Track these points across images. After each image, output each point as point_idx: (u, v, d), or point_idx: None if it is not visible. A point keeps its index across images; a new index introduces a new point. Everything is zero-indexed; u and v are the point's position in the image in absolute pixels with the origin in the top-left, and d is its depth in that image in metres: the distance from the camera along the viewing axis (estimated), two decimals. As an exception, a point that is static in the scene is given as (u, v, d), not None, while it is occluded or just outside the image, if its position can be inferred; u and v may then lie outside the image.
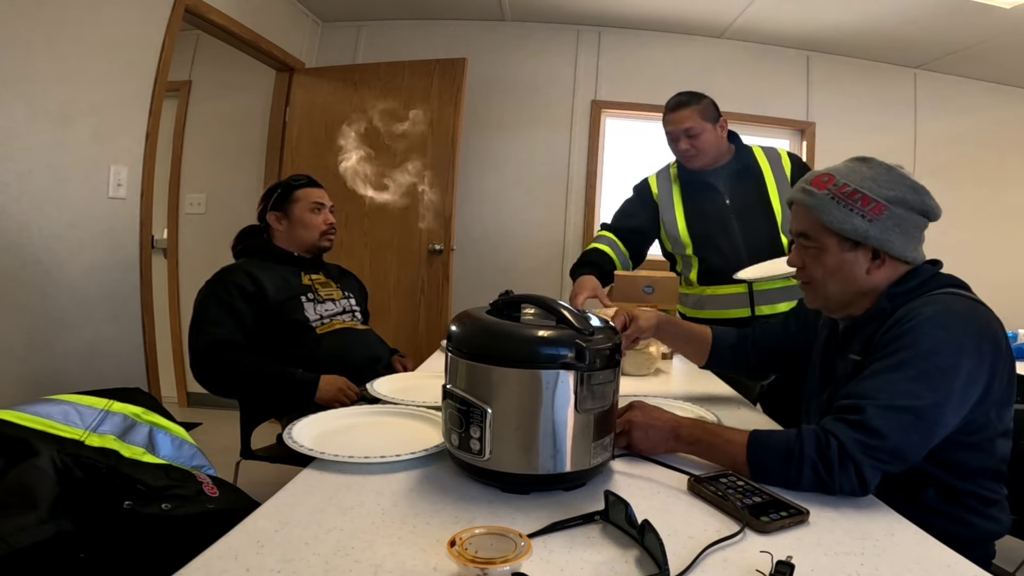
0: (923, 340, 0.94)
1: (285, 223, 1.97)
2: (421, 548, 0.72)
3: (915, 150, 3.76)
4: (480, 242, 3.66)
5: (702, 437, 1.00)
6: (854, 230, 1.05)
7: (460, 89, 3.26)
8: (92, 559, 0.94)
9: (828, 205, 1.06)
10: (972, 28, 3.11)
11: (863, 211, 1.04)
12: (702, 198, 2.07)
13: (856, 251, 1.07)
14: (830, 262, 1.09)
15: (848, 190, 1.06)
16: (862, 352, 1.07)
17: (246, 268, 1.85)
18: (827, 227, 1.07)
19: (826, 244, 1.09)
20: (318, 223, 1.97)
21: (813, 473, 0.89)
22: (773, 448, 0.92)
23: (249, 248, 1.99)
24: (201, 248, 3.73)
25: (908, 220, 1.05)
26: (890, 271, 1.08)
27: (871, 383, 0.94)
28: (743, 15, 3.33)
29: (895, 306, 1.04)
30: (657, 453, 1.02)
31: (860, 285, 1.09)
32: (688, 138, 2.03)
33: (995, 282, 3.88)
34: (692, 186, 2.10)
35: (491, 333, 0.89)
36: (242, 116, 3.68)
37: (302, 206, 1.96)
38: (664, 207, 2.15)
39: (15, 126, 1.89)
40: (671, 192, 2.15)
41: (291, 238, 1.97)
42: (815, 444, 0.89)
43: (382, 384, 1.43)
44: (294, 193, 1.97)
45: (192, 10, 2.54)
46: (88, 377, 2.11)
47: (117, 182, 2.28)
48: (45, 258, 2.02)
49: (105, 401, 1.21)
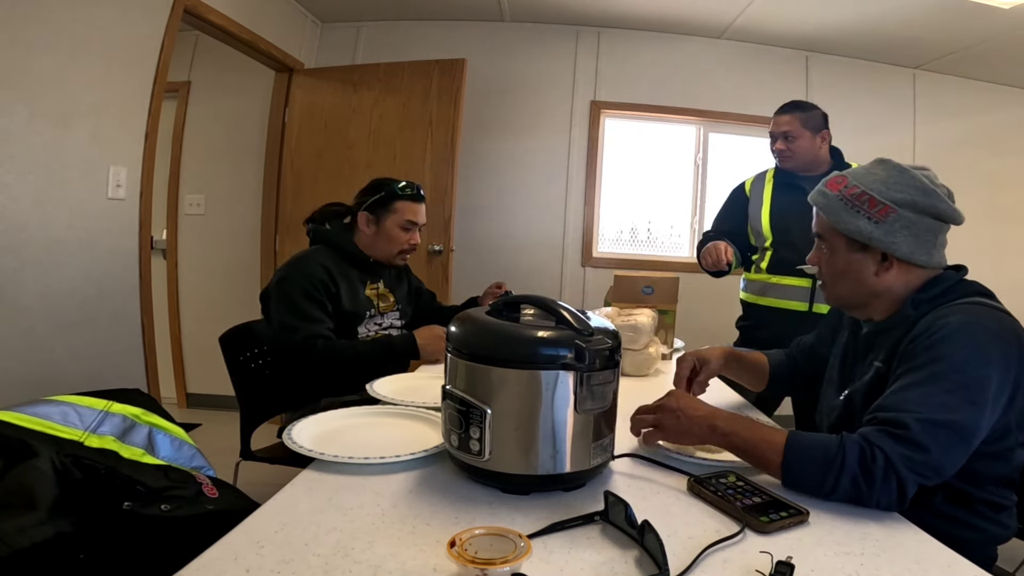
0: (954, 352, 0.92)
1: (372, 228, 1.89)
2: (421, 549, 0.72)
3: (914, 150, 3.76)
4: (480, 243, 3.66)
5: (739, 431, 0.96)
6: (859, 232, 1.05)
7: (460, 90, 3.25)
8: (92, 560, 0.94)
9: (837, 207, 1.08)
10: (971, 28, 3.12)
11: (869, 213, 1.04)
12: (790, 197, 2.19)
13: (864, 253, 1.07)
14: (839, 263, 1.10)
15: (857, 192, 1.06)
16: (886, 360, 1.05)
17: (325, 264, 1.80)
18: (836, 228, 1.09)
19: (836, 245, 1.10)
20: (402, 241, 1.91)
21: (851, 485, 0.86)
22: (811, 453, 0.89)
23: (327, 237, 1.91)
24: (200, 249, 3.73)
25: (918, 223, 1.04)
26: (903, 274, 1.07)
27: (907, 396, 0.91)
28: (742, 15, 3.33)
29: (919, 314, 1.03)
30: (684, 441, 1.00)
31: (870, 287, 1.08)
32: (784, 140, 2.19)
33: (995, 282, 3.88)
34: (784, 187, 2.24)
35: (491, 334, 0.89)
36: (241, 117, 3.68)
37: (395, 220, 1.88)
38: (753, 202, 2.31)
39: (15, 127, 1.89)
40: (763, 190, 2.30)
41: (372, 244, 1.91)
42: (858, 455, 0.86)
43: (382, 385, 1.43)
44: (395, 203, 1.89)
45: (191, 11, 2.53)
46: (87, 378, 2.11)
47: (116, 183, 2.28)
48: (44, 259, 2.01)
49: (104, 402, 1.21)
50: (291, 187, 3.51)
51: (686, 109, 3.70)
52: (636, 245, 3.87)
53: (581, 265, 3.71)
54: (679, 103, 3.70)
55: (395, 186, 1.90)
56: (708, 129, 3.80)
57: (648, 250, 3.87)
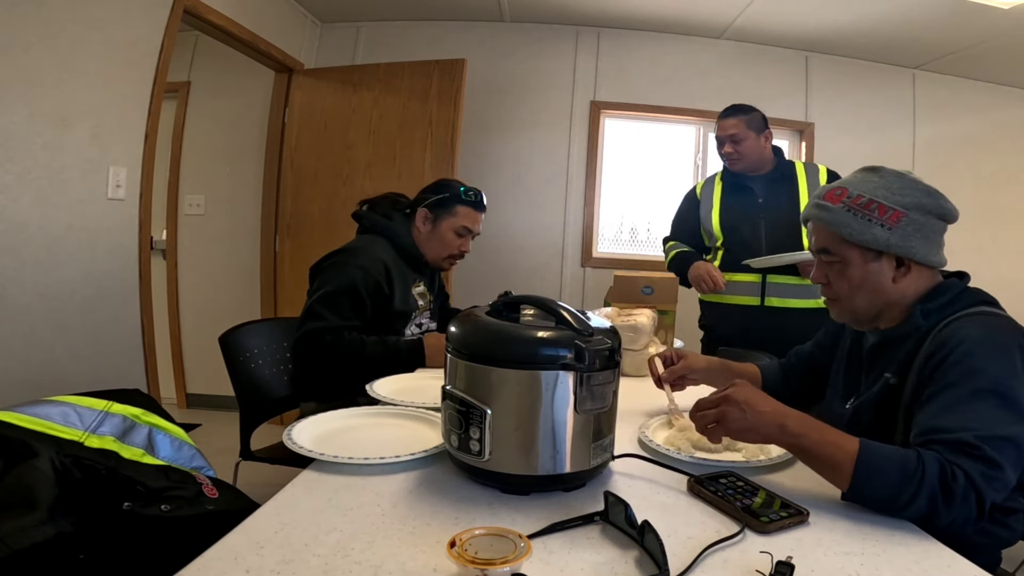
0: (988, 366, 0.91)
1: (428, 227, 1.89)
2: (421, 549, 0.72)
3: (914, 151, 3.77)
4: (480, 243, 3.64)
5: (809, 433, 0.90)
6: (875, 240, 1.04)
7: (459, 90, 3.25)
8: (92, 560, 0.94)
9: (845, 218, 1.06)
10: (971, 29, 3.12)
11: (881, 220, 1.04)
12: (738, 197, 2.32)
13: (880, 261, 1.06)
14: (855, 275, 1.08)
15: (863, 201, 1.05)
16: (898, 373, 1.04)
17: (386, 262, 1.78)
18: (848, 240, 1.06)
19: (849, 257, 1.08)
20: (454, 247, 1.91)
21: (928, 503, 0.82)
22: (888, 467, 0.84)
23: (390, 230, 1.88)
24: (200, 249, 3.73)
25: (928, 225, 1.05)
26: (916, 279, 1.07)
27: (960, 414, 0.88)
28: (742, 16, 3.33)
29: (930, 324, 1.03)
30: (747, 438, 0.94)
31: (888, 295, 1.07)
32: (732, 143, 2.28)
33: (995, 282, 3.88)
34: (733, 188, 2.36)
35: (491, 334, 0.89)
36: (241, 117, 3.68)
37: (452, 224, 1.88)
38: (704, 203, 2.41)
39: (14, 127, 1.89)
40: (712, 192, 2.41)
41: (423, 243, 1.90)
42: (938, 472, 0.82)
43: (382, 385, 1.43)
44: (456, 207, 1.88)
45: (191, 11, 2.53)
46: (87, 378, 2.11)
47: (116, 183, 2.27)
48: (44, 259, 2.01)
49: (104, 402, 1.21)
50: (291, 187, 3.51)
51: (686, 109, 3.70)
52: (636, 245, 3.87)
53: (581, 265, 3.71)
54: (679, 103, 3.70)
55: (460, 189, 1.89)
56: (708, 129, 3.80)
57: (648, 250, 3.86)
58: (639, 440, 1.12)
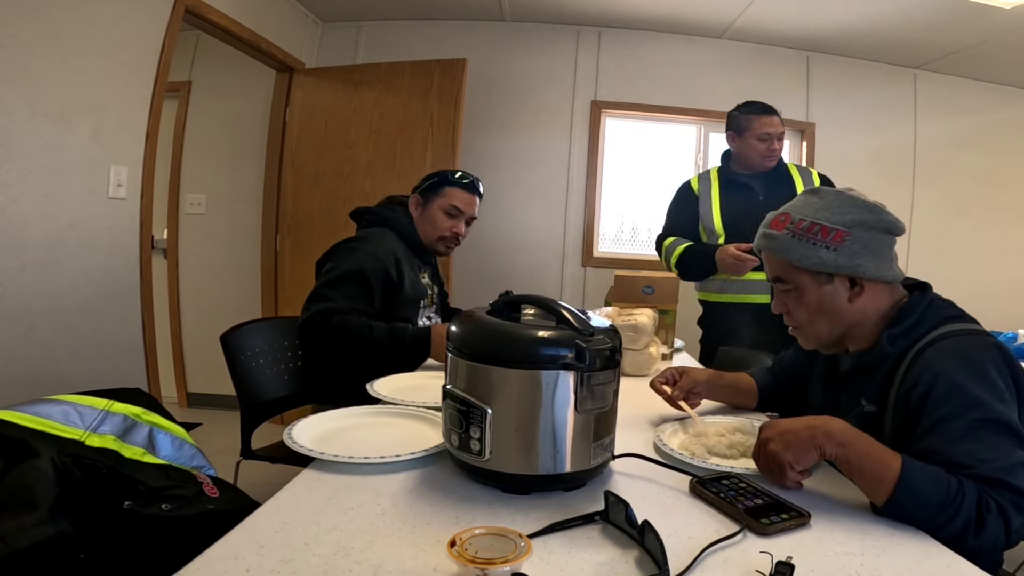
0: (975, 395, 0.91)
1: (419, 211, 1.93)
2: (421, 548, 0.72)
3: (915, 151, 3.76)
4: (480, 242, 3.66)
5: (854, 441, 0.88)
6: (822, 263, 1.04)
7: (460, 89, 3.25)
8: (92, 560, 0.94)
9: (791, 244, 1.07)
10: (972, 29, 3.11)
11: (825, 242, 1.04)
12: (739, 195, 2.33)
13: (833, 283, 1.06)
14: (811, 300, 1.08)
15: (806, 224, 1.06)
16: (876, 401, 1.04)
17: (395, 251, 1.81)
18: (797, 266, 1.07)
19: (802, 283, 1.08)
20: (444, 227, 1.91)
21: (963, 527, 0.82)
22: (929, 489, 0.83)
23: (394, 220, 1.91)
24: (201, 248, 3.74)
25: (874, 240, 1.05)
26: (873, 296, 1.07)
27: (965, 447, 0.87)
28: (743, 15, 3.33)
29: (898, 350, 1.03)
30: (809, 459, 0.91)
31: (847, 316, 1.08)
32: (778, 141, 2.31)
33: (995, 282, 3.90)
34: (732, 185, 2.36)
35: (491, 333, 0.89)
36: (242, 116, 3.68)
37: (440, 204, 1.90)
38: (702, 200, 2.40)
39: (15, 126, 1.89)
40: (710, 188, 2.40)
41: (420, 229, 1.93)
42: (976, 501, 0.82)
43: (382, 384, 1.43)
44: (444, 188, 1.91)
45: (192, 10, 2.53)
46: (88, 377, 2.11)
47: (117, 182, 2.28)
48: (45, 258, 2.02)
49: (105, 401, 1.21)
50: (292, 187, 3.51)
51: (687, 109, 3.70)
52: (636, 245, 3.87)
53: (581, 265, 3.71)
54: (680, 103, 3.70)
55: (449, 173, 1.94)
56: (709, 129, 3.80)
57: (649, 250, 3.85)
58: (654, 445, 1.11)
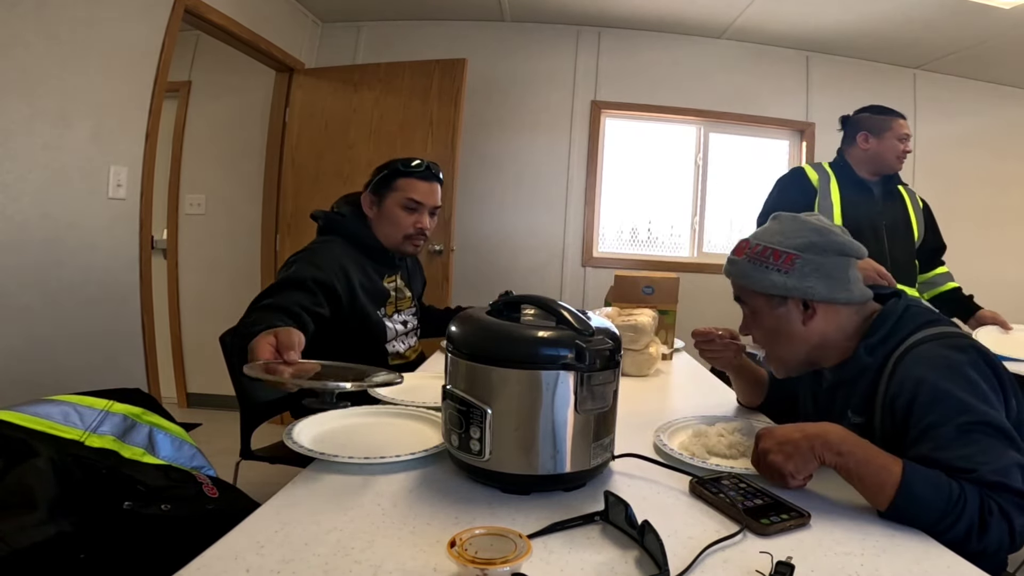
0: (960, 398, 0.91)
1: (375, 211, 1.75)
2: (421, 548, 0.72)
3: (915, 151, 3.75)
4: (480, 243, 3.66)
5: (853, 450, 0.89)
6: (773, 285, 1.08)
7: (460, 89, 3.25)
8: (92, 560, 0.94)
9: (747, 269, 1.12)
10: (972, 29, 3.11)
11: (776, 265, 1.08)
12: (859, 196, 2.15)
13: (786, 305, 1.09)
14: (765, 322, 1.12)
15: (759, 249, 1.11)
16: (863, 413, 1.05)
17: (340, 260, 1.61)
18: (751, 289, 1.12)
19: (757, 306, 1.13)
20: (405, 224, 1.73)
21: (965, 530, 0.82)
22: (931, 494, 0.83)
23: (340, 226, 1.73)
24: (201, 248, 3.74)
25: (826, 263, 1.07)
26: (830, 318, 1.08)
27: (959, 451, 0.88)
28: (743, 16, 3.33)
29: (877, 360, 1.04)
30: (810, 469, 0.91)
31: (802, 339, 1.10)
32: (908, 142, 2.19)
33: (995, 282, 3.90)
34: (851, 184, 2.18)
35: (491, 334, 0.89)
36: (242, 117, 3.68)
37: (396, 199, 1.72)
38: (822, 193, 2.19)
39: (15, 126, 1.89)
40: (828, 182, 2.20)
41: (379, 230, 1.75)
42: (979, 504, 0.83)
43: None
44: (397, 180, 1.73)
45: (192, 10, 2.53)
46: (88, 377, 2.11)
47: (117, 182, 2.28)
48: (45, 258, 2.02)
49: (105, 401, 1.21)
50: (292, 187, 3.51)
51: (686, 109, 3.70)
52: (636, 245, 3.87)
53: (581, 265, 3.71)
54: (679, 103, 3.70)
55: (399, 162, 1.74)
56: (708, 129, 3.80)
57: (648, 250, 3.87)
58: (654, 445, 1.11)
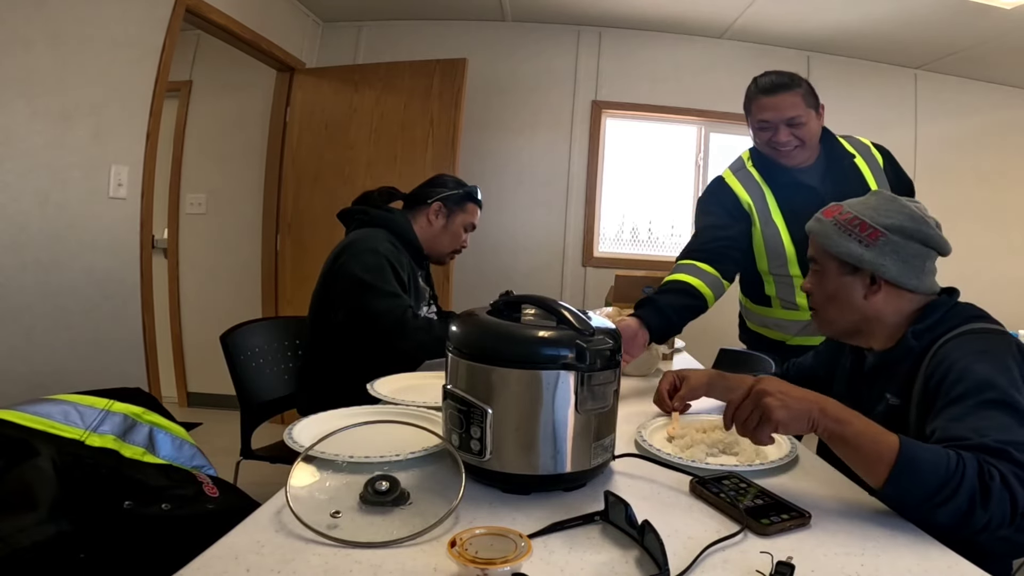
0: (989, 378, 0.92)
1: (441, 222, 1.91)
2: (421, 548, 0.72)
3: (915, 151, 3.76)
4: (480, 242, 3.65)
5: (852, 420, 0.87)
6: (849, 254, 1.11)
7: (460, 89, 3.26)
8: (92, 559, 0.94)
9: (830, 231, 1.14)
10: (972, 29, 3.11)
11: (860, 236, 1.10)
12: (801, 202, 1.62)
13: (854, 276, 1.12)
14: (829, 285, 1.15)
15: (849, 217, 1.13)
16: (900, 394, 1.07)
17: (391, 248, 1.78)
18: (828, 251, 1.14)
19: (827, 268, 1.15)
20: (460, 242, 1.97)
21: (967, 501, 0.80)
22: (928, 463, 0.82)
23: (393, 221, 1.86)
24: (201, 248, 3.74)
25: (906, 248, 1.09)
26: (892, 299, 1.11)
27: (973, 424, 0.88)
28: (744, 15, 3.32)
29: (922, 344, 1.06)
30: (794, 429, 0.88)
31: (859, 310, 1.13)
32: (789, 127, 1.64)
33: (995, 282, 3.90)
34: (786, 188, 1.72)
35: (491, 333, 0.89)
36: (242, 116, 3.69)
37: (463, 219, 1.93)
38: (763, 218, 1.72)
39: (15, 126, 1.89)
40: (764, 198, 1.73)
41: (431, 237, 1.92)
42: (977, 471, 0.81)
43: (382, 384, 1.43)
44: (468, 204, 1.94)
45: (193, 10, 2.54)
46: (88, 377, 2.11)
47: (117, 182, 2.28)
48: (45, 258, 2.02)
49: (105, 401, 1.21)
50: (292, 186, 3.51)
51: (687, 109, 3.70)
52: (637, 245, 3.87)
53: (582, 265, 3.71)
54: (680, 103, 3.70)
55: (473, 190, 1.96)
56: (709, 129, 3.80)
57: (649, 250, 3.87)
58: (635, 442, 1.12)
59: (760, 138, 1.72)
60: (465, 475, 0.85)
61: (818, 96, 1.71)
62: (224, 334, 1.88)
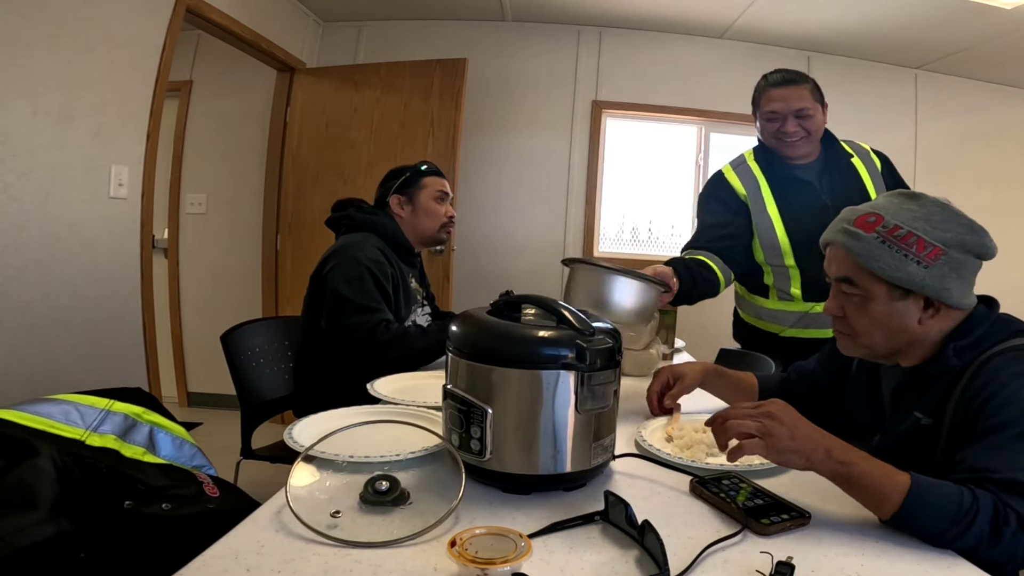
0: None
1: (408, 209, 1.90)
2: (421, 548, 0.72)
3: (916, 151, 3.76)
4: (481, 243, 3.66)
5: (858, 462, 0.83)
6: (909, 279, 0.94)
7: (460, 89, 3.26)
8: (92, 559, 0.94)
9: (878, 251, 0.95)
10: (972, 29, 3.11)
11: (919, 256, 0.93)
12: (797, 196, 1.73)
13: (907, 300, 0.96)
14: (877, 312, 0.98)
15: (901, 232, 0.95)
16: (932, 414, 0.97)
17: (383, 251, 1.77)
18: (874, 273, 0.96)
19: (874, 292, 0.97)
20: (441, 213, 1.92)
21: (975, 540, 0.78)
22: (940, 502, 0.79)
23: (379, 224, 1.85)
24: (202, 248, 3.74)
25: (965, 264, 0.96)
26: (944, 320, 0.98)
27: (1008, 456, 0.83)
28: (744, 15, 3.32)
29: (964, 362, 0.95)
30: (786, 460, 0.85)
31: (911, 336, 0.99)
32: (798, 119, 1.71)
33: (995, 282, 3.88)
34: (783, 182, 1.77)
35: (492, 333, 0.89)
36: (243, 116, 3.69)
37: (428, 193, 1.90)
38: (756, 209, 1.77)
39: (16, 126, 1.89)
40: (759, 190, 1.78)
41: (412, 226, 1.90)
42: (991, 514, 0.78)
43: (382, 384, 1.43)
44: (422, 179, 1.91)
45: (193, 10, 2.54)
46: (88, 377, 2.11)
47: (118, 182, 2.28)
48: (45, 258, 2.02)
49: (106, 401, 1.21)
50: (292, 186, 3.51)
51: (687, 109, 3.70)
52: (637, 245, 3.87)
53: (582, 265, 3.71)
54: (680, 103, 3.70)
55: (417, 165, 1.93)
56: (709, 129, 3.80)
57: (649, 250, 3.87)
58: (635, 442, 1.12)
59: (768, 130, 1.76)
60: (465, 475, 0.85)
61: (823, 94, 1.79)
62: (224, 334, 1.88)
